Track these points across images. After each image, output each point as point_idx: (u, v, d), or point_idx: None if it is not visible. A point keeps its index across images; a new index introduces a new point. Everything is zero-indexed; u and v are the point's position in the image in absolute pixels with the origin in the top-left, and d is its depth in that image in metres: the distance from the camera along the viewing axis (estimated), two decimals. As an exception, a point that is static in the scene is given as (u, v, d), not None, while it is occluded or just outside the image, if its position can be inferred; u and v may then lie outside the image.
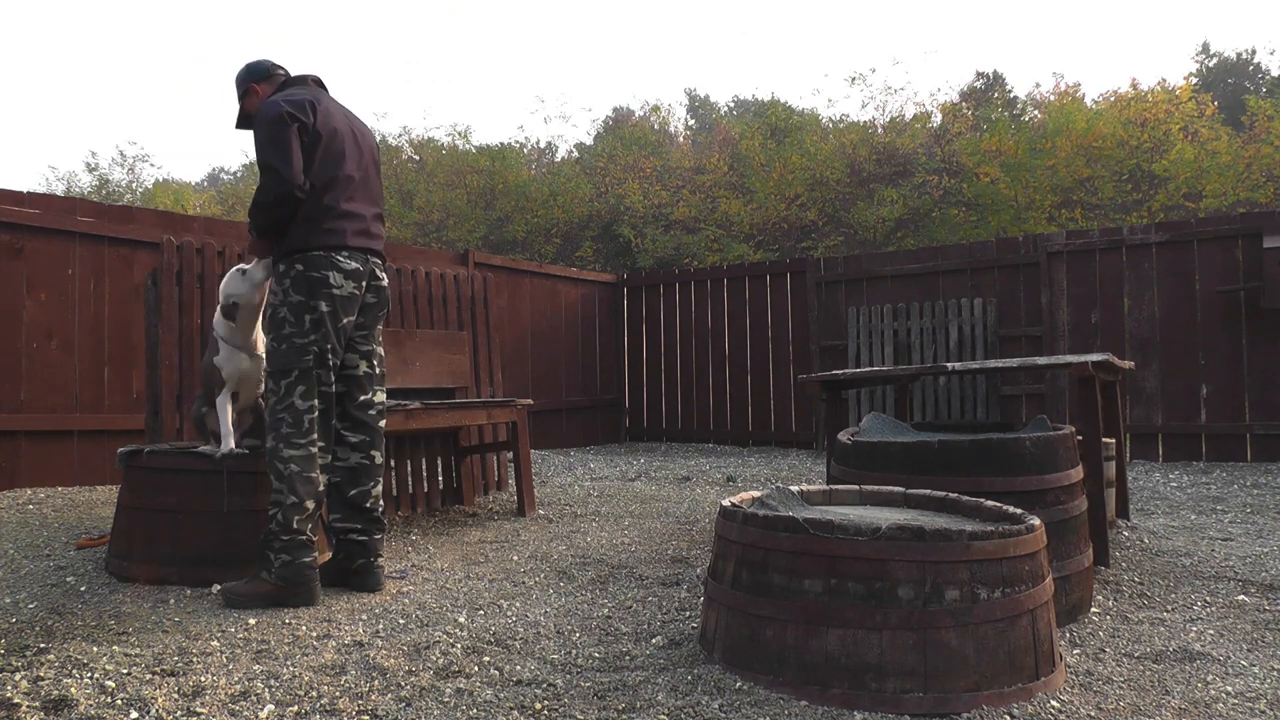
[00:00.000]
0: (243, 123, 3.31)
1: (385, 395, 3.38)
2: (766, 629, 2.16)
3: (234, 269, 3.30)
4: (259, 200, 2.99)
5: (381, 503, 3.26)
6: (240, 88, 3.28)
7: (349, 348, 3.20)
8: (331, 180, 3.08)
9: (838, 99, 19.64)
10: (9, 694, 2.06)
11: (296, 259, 3.02)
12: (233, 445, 3.28)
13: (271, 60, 3.30)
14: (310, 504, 2.97)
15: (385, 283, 3.27)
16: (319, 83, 3.28)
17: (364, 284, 3.14)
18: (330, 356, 3.04)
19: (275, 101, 3.06)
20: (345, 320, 3.08)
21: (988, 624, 2.05)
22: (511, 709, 2.05)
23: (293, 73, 3.29)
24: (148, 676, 2.21)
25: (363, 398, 3.22)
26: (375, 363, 3.27)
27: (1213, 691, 2.20)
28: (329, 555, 3.37)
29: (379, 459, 3.25)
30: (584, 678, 2.25)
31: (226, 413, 3.31)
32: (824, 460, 7.65)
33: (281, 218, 3.01)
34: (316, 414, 3.00)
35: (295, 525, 2.94)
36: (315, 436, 2.99)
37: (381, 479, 3.28)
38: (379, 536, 3.21)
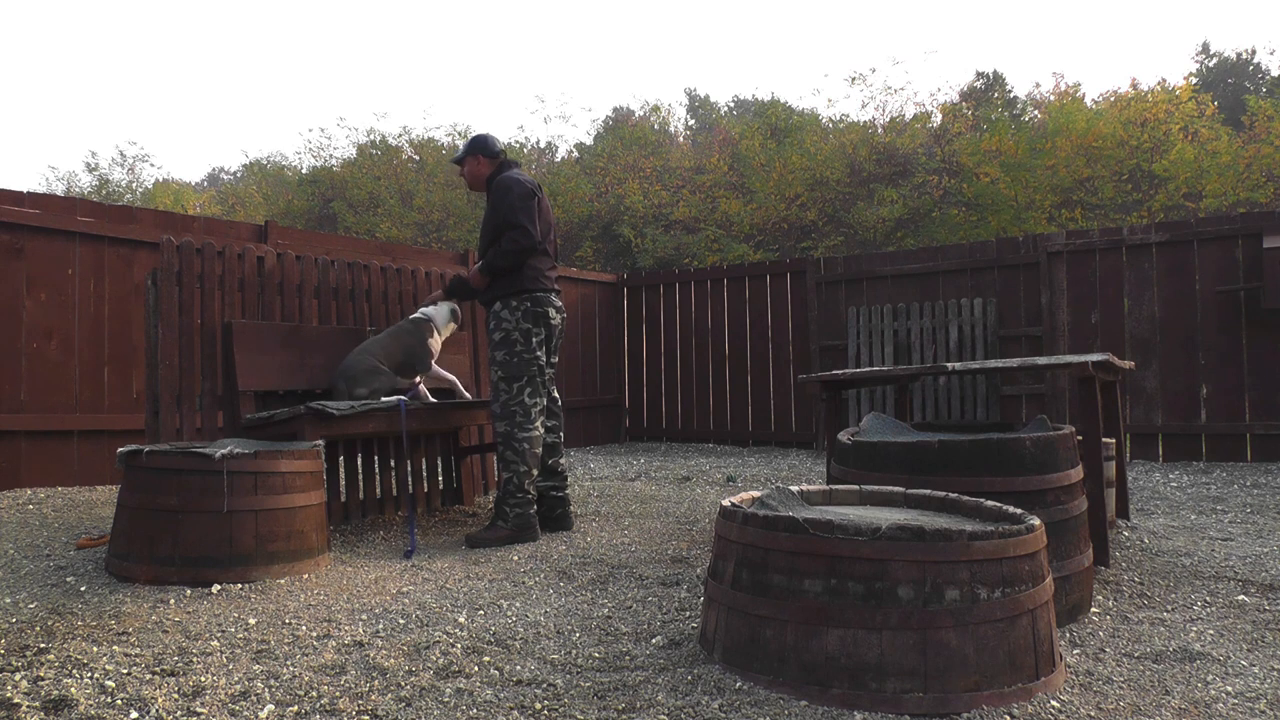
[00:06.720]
0: (458, 159, 4.33)
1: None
2: (766, 629, 2.16)
3: (446, 307, 4.62)
4: (508, 249, 4.00)
5: (564, 464, 4.42)
6: (468, 149, 4.28)
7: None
8: (545, 241, 4.15)
9: (838, 99, 19.61)
10: (9, 694, 2.05)
11: (526, 297, 4.07)
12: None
13: (498, 143, 4.32)
14: (535, 470, 4.07)
15: (564, 314, 4.31)
16: (515, 164, 4.32)
17: (561, 316, 4.24)
18: (544, 366, 4.15)
19: (520, 179, 4.10)
20: (553, 342, 4.23)
21: (988, 624, 2.05)
22: (511, 709, 2.05)
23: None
24: (148, 676, 2.21)
25: (553, 395, 4.41)
26: (552, 373, 4.35)
27: (1213, 691, 2.20)
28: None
29: (562, 436, 4.42)
30: (584, 678, 2.25)
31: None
32: (824, 460, 7.65)
33: (520, 263, 4.05)
34: (539, 406, 4.10)
35: (525, 485, 4.02)
36: (539, 422, 4.09)
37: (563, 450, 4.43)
38: (567, 491, 4.40)
